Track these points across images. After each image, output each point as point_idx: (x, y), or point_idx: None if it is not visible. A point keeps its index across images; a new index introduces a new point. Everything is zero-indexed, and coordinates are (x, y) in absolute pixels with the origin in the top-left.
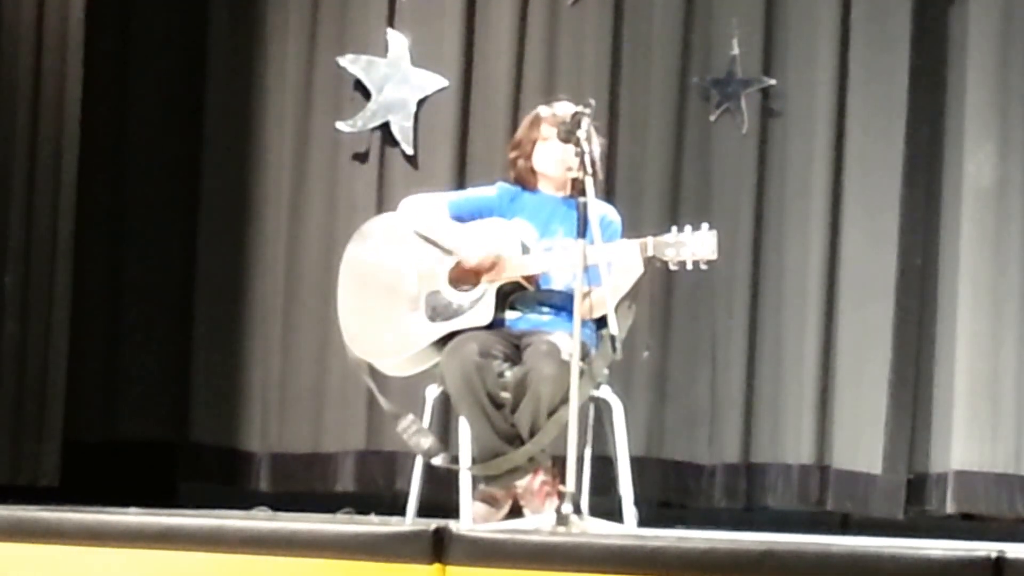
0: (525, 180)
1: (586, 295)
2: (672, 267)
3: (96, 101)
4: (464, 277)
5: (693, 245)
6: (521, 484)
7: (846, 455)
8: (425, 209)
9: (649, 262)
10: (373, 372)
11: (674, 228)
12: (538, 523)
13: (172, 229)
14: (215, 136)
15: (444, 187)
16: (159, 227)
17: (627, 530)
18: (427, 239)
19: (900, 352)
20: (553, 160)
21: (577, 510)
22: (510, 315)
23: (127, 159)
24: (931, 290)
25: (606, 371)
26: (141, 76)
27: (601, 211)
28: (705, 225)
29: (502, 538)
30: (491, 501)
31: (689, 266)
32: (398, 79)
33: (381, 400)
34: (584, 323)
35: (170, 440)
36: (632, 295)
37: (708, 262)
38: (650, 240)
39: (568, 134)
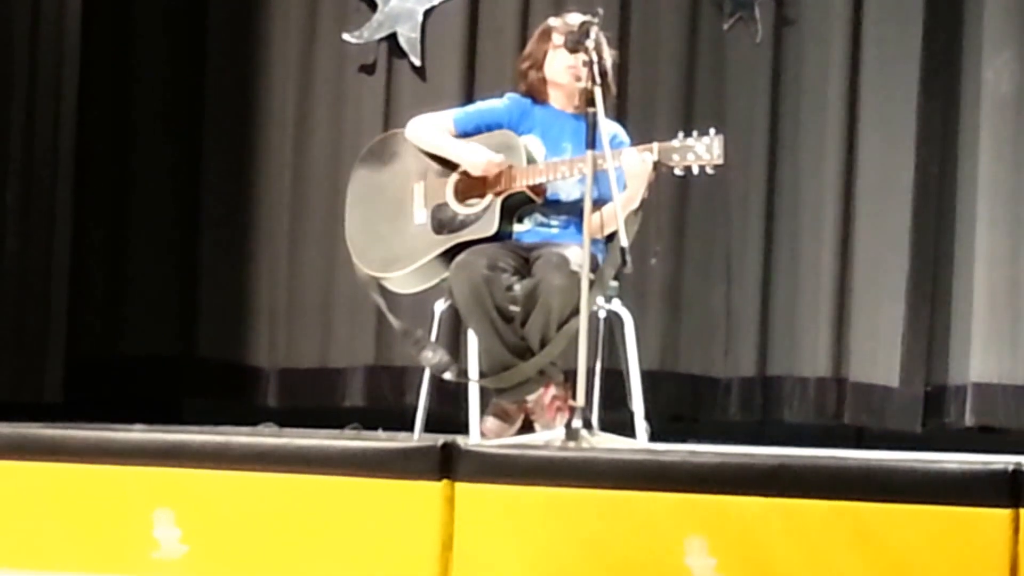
0: (536, 91)
1: (596, 209)
2: (678, 172)
3: (97, 10)
4: (470, 190)
5: (699, 150)
6: (532, 398)
7: (863, 368)
8: (431, 125)
9: (655, 168)
10: (382, 289)
11: (680, 133)
12: (548, 438)
13: (176, 143)
14: (219, 48)
15: (452, 99)
16: (163, 141)
17: (638, 444)
18: (432, 155)
19: (917, 263)
20: (564, 67)
21: (587, 425)
22: (518, 228)
23: (129, 70)
24: (949, 200)
25: (616, 283)
26: None
27: (611, 130)
28: (712, 130)
29: (510, 453)
30: (503, 416)
31: (695, 171)
32: None
33: (390, 317)
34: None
35: (175, 356)
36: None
37: (716, 167)
38: (655, 146)
39: (576, 43)
